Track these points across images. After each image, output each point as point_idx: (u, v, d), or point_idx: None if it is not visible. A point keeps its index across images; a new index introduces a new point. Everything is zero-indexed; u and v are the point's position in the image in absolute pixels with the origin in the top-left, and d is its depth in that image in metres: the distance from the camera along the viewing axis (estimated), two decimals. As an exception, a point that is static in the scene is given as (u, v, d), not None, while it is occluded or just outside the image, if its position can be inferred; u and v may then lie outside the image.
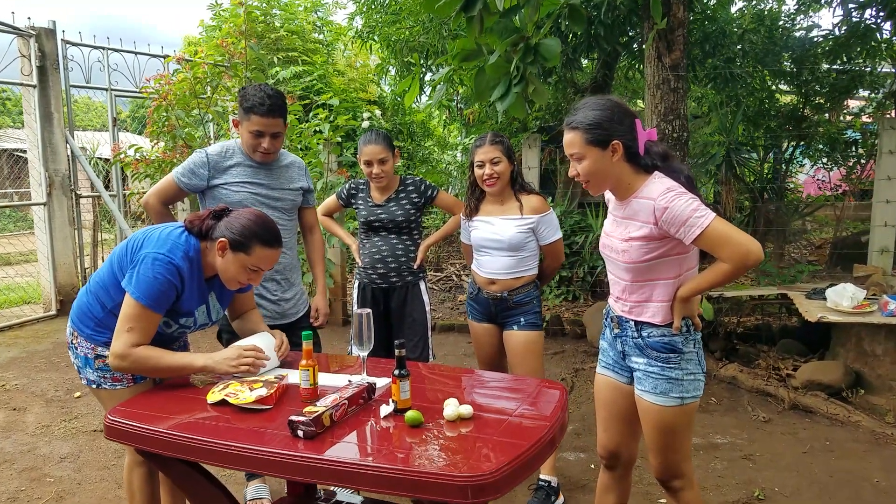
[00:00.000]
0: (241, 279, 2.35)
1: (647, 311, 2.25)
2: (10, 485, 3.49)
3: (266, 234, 2.32)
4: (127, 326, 2.23)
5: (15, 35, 6.85)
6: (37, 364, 5.55)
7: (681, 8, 4.73)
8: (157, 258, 2.24)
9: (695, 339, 2.26)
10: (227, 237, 2.29)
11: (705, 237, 2.05)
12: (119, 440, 2.05)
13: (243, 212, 2.39)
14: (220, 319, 2.68)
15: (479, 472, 1.61)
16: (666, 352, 2.23)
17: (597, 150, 2.15)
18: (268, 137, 2.91)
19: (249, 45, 6.51)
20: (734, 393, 4.58)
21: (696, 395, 2.27)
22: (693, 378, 2.24)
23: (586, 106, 2.20)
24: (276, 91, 2.95)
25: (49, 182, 7.08)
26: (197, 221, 2.37)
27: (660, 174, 2.19)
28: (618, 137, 2.15)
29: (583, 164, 2.19)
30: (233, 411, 2.04)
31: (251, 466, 1.86)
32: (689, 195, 2.10)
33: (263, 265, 2.34)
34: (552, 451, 1.91)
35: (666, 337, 2.23)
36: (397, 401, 1.97)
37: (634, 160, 2.20)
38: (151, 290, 2.22)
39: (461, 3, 3.05)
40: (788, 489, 3.34)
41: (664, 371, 2.23)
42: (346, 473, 1.72)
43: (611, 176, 2.20)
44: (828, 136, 7.73)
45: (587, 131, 2.15)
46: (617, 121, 2.15)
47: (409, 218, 3.43)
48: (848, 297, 4.10)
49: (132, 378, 2.40)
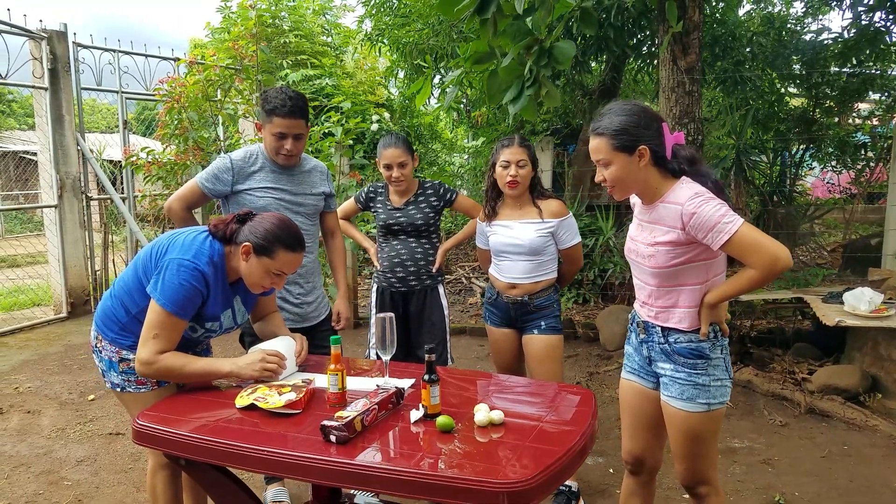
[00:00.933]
0: (265, 283, 2.35)
1: (673, 316, 2.24)
2: (28, 488, 3.50)
3: (289, 238, 2.32)
4: (153, 333, 2.23)
5: (27, 38, 6.87)
6: (49, 367, 5.56)
7: (696, 11, 4.72)
8: (182, 264, 2.24)
9: (722, 344, 2.24)
10: (251, 241, 2.29)
11: (733, 243, 2.04)
12: (147, 444, 2.04)
13: (267, 216, 2.39)
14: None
15: (515, 478, 1.60)
16: (693, 358, 2.21)
17: (624, 155, 2.14)
18: (290, 139, 2.92)
19: (260, 47, 6.51)
20: (750, 397, 4.56)
21: (723, 401, 2.26)
22: (720, 384, 2.23)
23: (612, 112, 2.18)
24: (298, 93, 2.96)
25: (60, 184, 7.09)
26: (221, 226, 2.37)
27: (687, 179, 2.17)
28: (645, 142, 2.13)
29: (610, 170, 2.17)
30: (261, 415, 2.03)
31: (282, 471, 1.85)
32: (717, 200, 2.08)
33: (287, 269, 2.34)
34: (584, 458, 1.91)
35: (693, 343, 2.21)
36: (427, 406, 1.97)
37: (661, 164, 2.18)
38: (177, 297, 2.22)
39: (475, 5, 3.05)
40: (809, 494, 3.33)
41: (691, 377, 2.22)
42: (378, 478, 1.71)
43: (638, 181, 2.18)
44: (837, 140, 7.71)
45: (614, 137, 2.13)
46: (644, 126, 2.14)
47: (429, 221, 3.43)
48: (866, 302, 4.08)
49: (156, 381, 2.41)
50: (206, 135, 6.38)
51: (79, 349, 6.05)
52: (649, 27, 6.25)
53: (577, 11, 3.21)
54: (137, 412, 2.31)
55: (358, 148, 8.86)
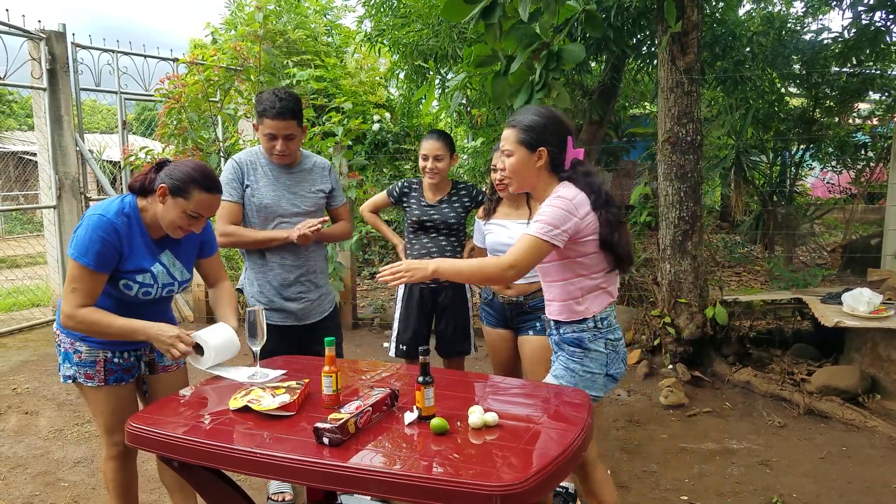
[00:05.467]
0: (182, 224, 2.39)
1: (552, 307, 2.45)
2: (25, 489, 3.49)
3: (205, 179, 2.37)
4: (71, 287, 2.30)
5: (25, 38, 6.85)
6: (48, 367, 5.55)
7: (695, 11, 4.71)
8: (91, 218, 2.32)
9: (606, 339, 2.39)
10: (166, 183, 2.35)
11: (520, 238, 2.26)
12: (141, 447, 2.04)
13: (184, 161, 2.45)
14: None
15: (509, 481, 1.60)
16: (572, 346, 2.41)
17: (525, 150, 2.32)
18: (281, 139, 2.97)
19: (264, 48, 6.51)
20: (748, 397, 4.55)
21: (590, 394, 2.31)
22: (590, 377, 2.39)
23: (529, 111, 2.38)
24: (289, 94, 3.00)
25: (59, 185, 7.08)
26: (139, 177, 2.44)
27: (567, 183, 2.32)
28: (546, 145, 2.30)
29: (510, 161, 2.35)
30: (255, 417, 2.02)
31: (274, 474, 1.84)
32: (559, 210, 2.22)
33: (203, 211, 2.39)
34: (580, 460, 1.90)
35: (576, 332, 2.39)
36: (422, 408, 1.96)
37: (556, 171, 2.35)
38: (88, 249, 2.28)
39: (480, 10, 3.05)
40: (807, 496, 3.31)
41: (566, 360, 2.42)
42: (370, 481, 1.70)
43: (530, 178, 2.36)
44: (837, 140, 7.70)
45: (522, 131, 2.32)
46: (551, 131, 2.31)
47: (460, 220, 3.52)
48: (865, 302, 4.07)
49: (104, 378, 2.46)
50: (205, 135, 6.37)
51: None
52: (649, 27, 6.24)
53: (582, 14, 3.21)
54: (94, 408, 2.48)
55: (358, 148, 8.86)
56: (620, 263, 2.38)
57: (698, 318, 4.90)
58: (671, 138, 4.85)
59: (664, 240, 5.02)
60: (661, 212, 5.04)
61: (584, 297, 2.37)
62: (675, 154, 4.87)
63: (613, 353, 2.42)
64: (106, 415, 2.51)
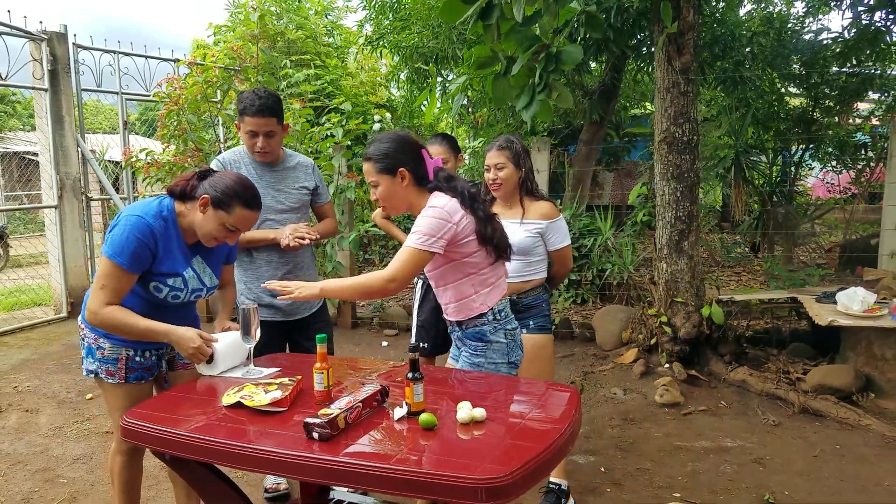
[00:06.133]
0: (219, 236, 2.42)
1: (449, 309, 2.58)
2: (24, 486, 3.53)
3: (248, 195, 2.42)
4: (100, 284, 2.32)
5: (27, 39, 6.90)
6: (48, 366, 5.59)
7: (690, 12, 4.73)
8: (129, 218, 2.34)
9: (504, 329, 2.55)
10: (210, 194, 2.38)
11: (400, 250, 2.39)
12: (135, 441, 2.07)
13: (228, 173, 2.49)
14: None
15: (494, 474, 1.62)
16: (475, 340, 2.54)
17: (387, 176, 2.46)
18: (261, 137, 3.04)
19: (261, 48, 6.54)
20: (744, 396, 4.57)
21: None
22: (494, 367, 2.54)
23: (378, 140, 2.51)
24: (269, 92, 3.08)
25: (60, 185, 7.13)
26: (181, 182, 2.47)
27: (438, 193, 2.47)
28: (404, 166, 2.44)
29: (378, 190, 2.49)
30: (248, 413, 2.05)
31: (266, 468, 1.88)
32: (433, 219, 2.36)
33: (241, 225, 2.44)
34: (565, 454, 1.92)
35: (477, 327, 2.53)
36: (411, 403, 1.99)
37: (422, 184, 2.49)
38: (122, 248, 2.30)
39: (478, 11, 3.07)
40: (800, 493, 3.34)
41: (471, 357, 2.56)
42: (360, 475, 1.73)
43: (402, 198, 2.50)
44: (837, 140, 7.72)
45: (378, 161, 2.46)
46: (404, 152, 2.46)
47: None
48: (858, 301, 4.10)
49: (124, 376, 2.49)
50: (205, 136, 6.40)
51: (78, 349, 6.03)
52: (648, 28, 6.27)
53: (583, 16, 3.23)
54: (110, 404, 2.50)
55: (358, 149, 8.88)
56: (500, 252, 2.53)
57: (695, 317, 4.93)
58: (668, 138, 4.88)
59: (661, 239, 5.05)
60: (658, 211, 5.06)
61: (477, 293, 2.51)
62: (672, 154, 4.89)
63: (512, 342, 2.58)
64: (122, 411, 2.49)
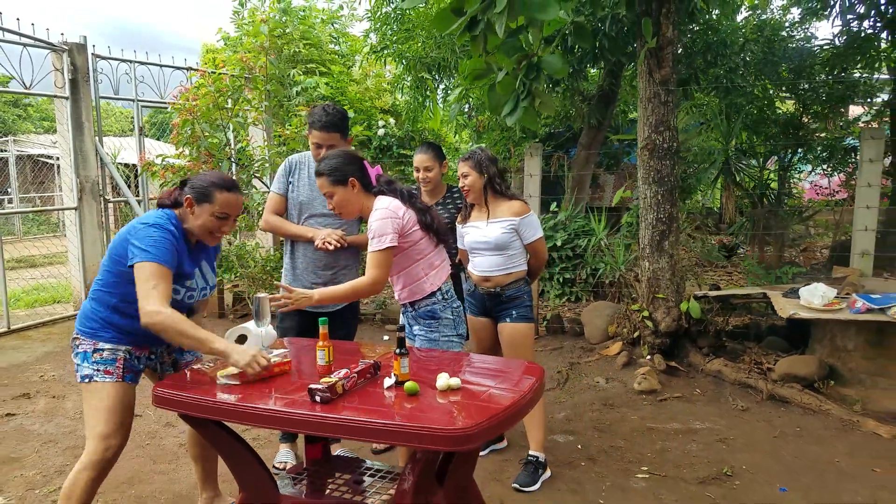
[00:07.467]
0: (213, 228, 2.65)
1: (403, 293, 3.06)
2: (57, 460, 3.90)
3: (222, 181, 2.67)
4: (151, 285, 2.42)
5: (49, 50, 7.30)
6: (70, 358, 5.94)
7: (669, 28, 5.08)
8: (150, 224, 2.55)
9: (451, 307, 3.05)
10: (190, 194, 2.65)
11: (368, 258, 2.88)
12: (165, 407, 2.43)
13: (202, 173, 2.80)
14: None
15: (461, 426, 1.99)
16: (427, 318, 3.04)
17: (340, 187, 2.92)
18: (325, 149, 3.41)
19: (269, 59, 6.91)
20: (718, 385, 4.91)
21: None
22: (448, 340, 3.04)
23: (327, 157, 2.98)
24: (336, 109, 3.48)
25: (80, 188, 7.52)
26: (166, 196, 2.75)
27: (380, 196, 2.96)
28: (352, 176, 2.91)
29: (334, 199, 2.95)
30: (261, 384, 2.42)
31: (275, 425, 2.26)
32: (381, 220, 2.84)
33: (228, 209, 2.66)
34: (522, 417, 2.30)
35: (428, 306, 3.03)
36: (398, 374, 2.36)
37: (368, 189, 2.98)
38: (158, 247, 2.48)
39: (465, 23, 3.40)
40: (756, 468, 3.68)
41: (426, 333, 3.04)
42: (352, 428, 2.10)
43: (355, 203, 2.97)
44: (826, 144, 7.99)
45: (330, 175, 2.92)
46: (349, 164, 2.94)
47: (453, 220, 3.86)
48: (819, 296, 4.43)
49: (121, 375, 2.65)
50: (216, 141, 6.78)
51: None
52: (638, 38, 6.56)
53: (571, 26, 3.55)
54: (96, 403, 2.62)
55: (364, 153, 9.24)
56: (440, 236, 3.04)
57: (674, 311, 5.27)
58: (649, 145, 5.22)
59: (643, 239, 5.39)
60: (641, 213, 5.41)
61: (427, 275, 3.00)
62: (653, 160, 5.24)
63: (458, 318, 3.09)
64: (107, 412, 2.60)
